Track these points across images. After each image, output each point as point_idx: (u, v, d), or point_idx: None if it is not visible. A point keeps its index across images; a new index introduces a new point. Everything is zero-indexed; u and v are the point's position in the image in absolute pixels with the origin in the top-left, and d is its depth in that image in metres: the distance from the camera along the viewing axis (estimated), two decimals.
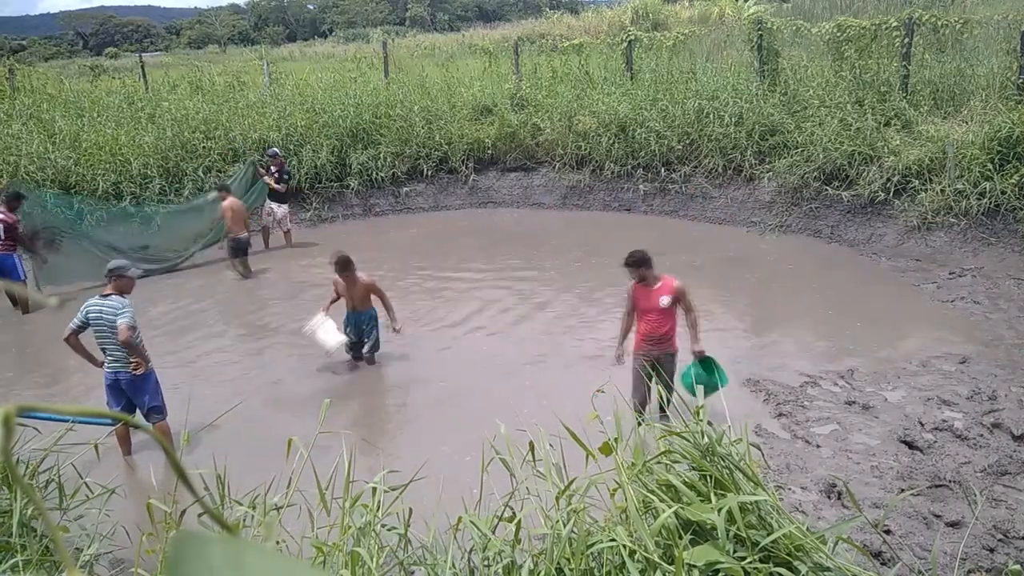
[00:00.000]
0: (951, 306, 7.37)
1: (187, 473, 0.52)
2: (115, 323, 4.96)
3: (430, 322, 7.73)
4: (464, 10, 74.99)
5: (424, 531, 2.67)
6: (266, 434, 5.44)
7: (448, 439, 5.22)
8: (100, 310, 5.04)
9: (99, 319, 5.03)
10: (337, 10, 76.36)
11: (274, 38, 63.36)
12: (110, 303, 5.04)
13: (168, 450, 0.51)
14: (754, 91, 11.45)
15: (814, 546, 2.20)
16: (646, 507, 2.39)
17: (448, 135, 12.78)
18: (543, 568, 2.26)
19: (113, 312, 5.00)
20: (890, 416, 5.33)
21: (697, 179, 11.30)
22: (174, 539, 0.41)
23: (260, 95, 13.74)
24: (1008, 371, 5.92)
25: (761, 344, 6.86)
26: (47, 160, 10.25)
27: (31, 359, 7.27)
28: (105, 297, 5.08)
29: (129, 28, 77.29)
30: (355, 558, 2.34)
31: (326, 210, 12.04)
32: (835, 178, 9.97)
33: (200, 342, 7.47)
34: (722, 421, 2.64)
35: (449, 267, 9.56)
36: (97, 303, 5.07)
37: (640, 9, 25.24)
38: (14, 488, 2.91)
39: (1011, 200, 8.42)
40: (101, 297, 5.10)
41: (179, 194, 11.03)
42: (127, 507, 3.44)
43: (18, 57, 34.54)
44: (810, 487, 4.49)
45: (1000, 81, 10.01)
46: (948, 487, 4.42)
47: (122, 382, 5.14)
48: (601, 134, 12.12)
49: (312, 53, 32.60)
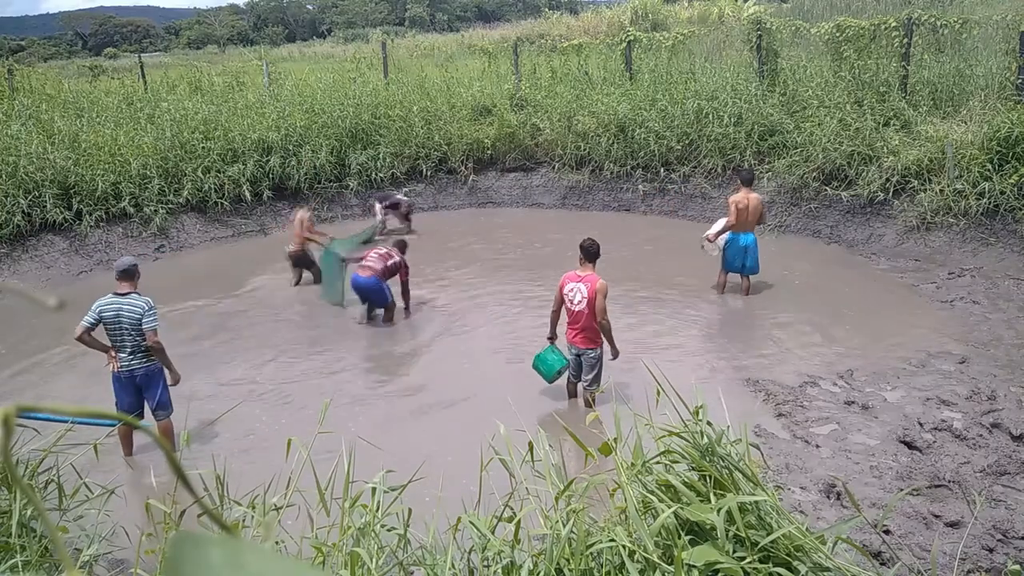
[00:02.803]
0: (950, 306, 7.37)
1: (186, 473, 0.52)
2: (138, 323, 4.97)
3: (430, 322, 7.73)
4: (463, 10, 75.04)
5: (424, 531, 2.67)
6: (266, 434, 5.45)
7: (447, 439, 5.22)
8: (119, 308, 5.01)
9: (117, 317, 5.00)
10: (336, 10, 76.38)
11: (273, 38, 63.38)
12: (131, 302, 5.02)
13: (167, 450, 0.51)
14: (753, 91, 11.45)
15: (813, 546, 2.20)
16: (645, 507, 2.39)
17: (447, 135, 12.78)
18: (542, 568, 2.26)
19: (136, 312, 4.99)
20: (889, 416, 5.33)
21: (696, 179, 11.30)
22: (173, 540, 0.41)
23: (259, 95, 13.74)
24: (1007, 371, 5.93)
25: (760, 344, 6.86)
26: (46, 160, 10.23)
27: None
28: (122, 295, 5.05)
29: (128, 28, 77.24)
30: (355, 558, 2.33)
31: (325, 210, 12.04)
32: (834, 178, 9.98)
33: (199, 341, 7.48)
34: (721, 421, 2.64)
35: (449, 267, 9.56)
36: (113, 301, 5.04)
37: (639, 9, 25.27)
38: (13, 489, 2.91)
39: (1010, 200, 8.42)
40: (116, 295, 5.06)
41: (178, 194, 11.03)
42: (127, 507, 3.44)
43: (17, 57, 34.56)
44: (809, 487, 4.49)
45: (999, 81, 10.01)
46: (947, 487, 4.42)
47: (138, 377, 5.13)
48: (600, 134, 12.13)
49: (311, 53, 32.64)
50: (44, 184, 10.06)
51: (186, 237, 11.02)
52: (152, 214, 10.65)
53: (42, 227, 10.04)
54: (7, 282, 8.51)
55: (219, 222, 11.36)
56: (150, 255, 10.46)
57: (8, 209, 9.65)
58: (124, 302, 5.02)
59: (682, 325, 7.40)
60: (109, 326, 5.04)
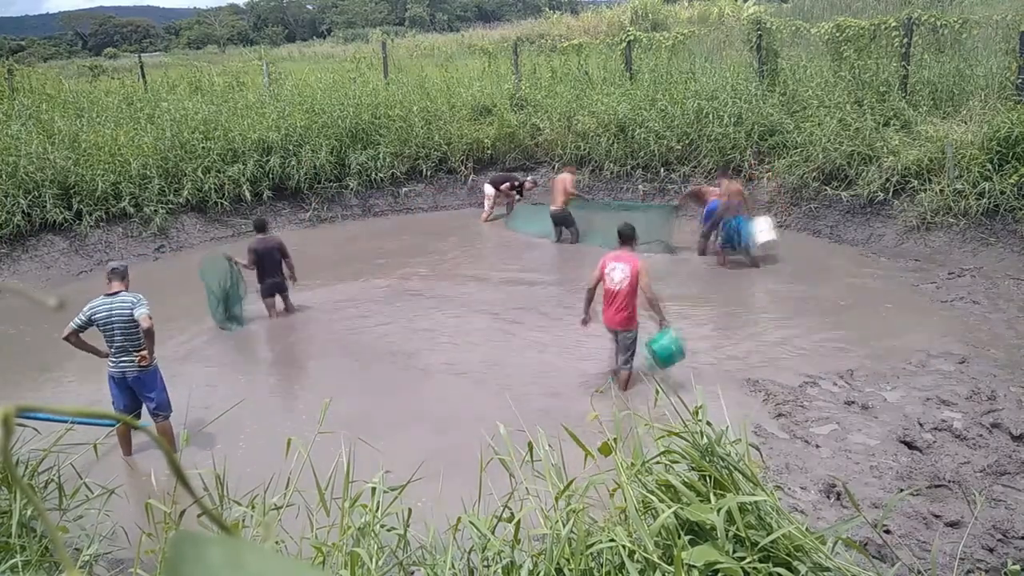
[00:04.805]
0: (950, 306, 7.37)
1: (186, 474, 0.52)
2: (130, 316, 4.99)
3: (430, 321, 7.73)
4: (463, 10, 75.03)
5: (423, 531, 2.67)
6: (266, 434, 5.45)
7: (447, 439, 5.22)
8: (110, 309, 5.04)
9: (109, 318, 5.03)
10: (336, 10, 76.36)
11: (273, 38, 63.37)
12: (121, 300, 5.06)
13: (167, 451, 0.51)
14: (753, 91, 11.45)
15: (813, 546, 2.20)
16: (645, 507, 2.39)
17: (447, 135, 12.79)
18: (542, 568, 2.26)
19: (127, 307, 5.02)
20: (889, 416, 5.33)
21: (696, 179, 11.30)
22: (173, 539, 0.41)
23: (259, 95, 13.73)
24: (1007, 371, 5.93)
25: (760, 344, 6.86)
26: (46, 160, 10.23)
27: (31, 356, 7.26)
28: (112, 296, 5.09)
29: (128, 28, 77.21)
30: (354, 558, 2.34)
31: (325, 210, 12.05)
32: (834, 178, 9.98)
33: (199, 341, 7.48)
34: (721, 421, 2.64)
35: (449, 267, 9.56)
36: (104, 303, 5.07)
37: (639, 9, 25.26)
38: (13, 488, 2.91)
39: (1010, 200, 8.42)
40: (107, 296, 5.10)
41: (178, 194, 11.03)
42: (127, 507, 3.44)
43: (17, 57, 34.49)
44: (809, 487, 4.49)
45: (999, 81, 10.01)
46: (947, 487, 4.42)
47: (129, 379, 5.15)
48: (600, 134, 12.13)
49: (311, 53, 32.61)
50: (44, 184, 10.06)
51: (186, 237, 11.02)
52: (152, 214, 10.65)
53: (42, 227, 10.04)
54: (7, 282, 8.50)
55: (219, 222, 11.36)
56: (150, 255, 10.46)
57: (8, 209, 9.66)
58: (115, 301, 5.07)
59: (681, 325, 7.39)
60: (103, 327, 5.07)
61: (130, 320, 5.01)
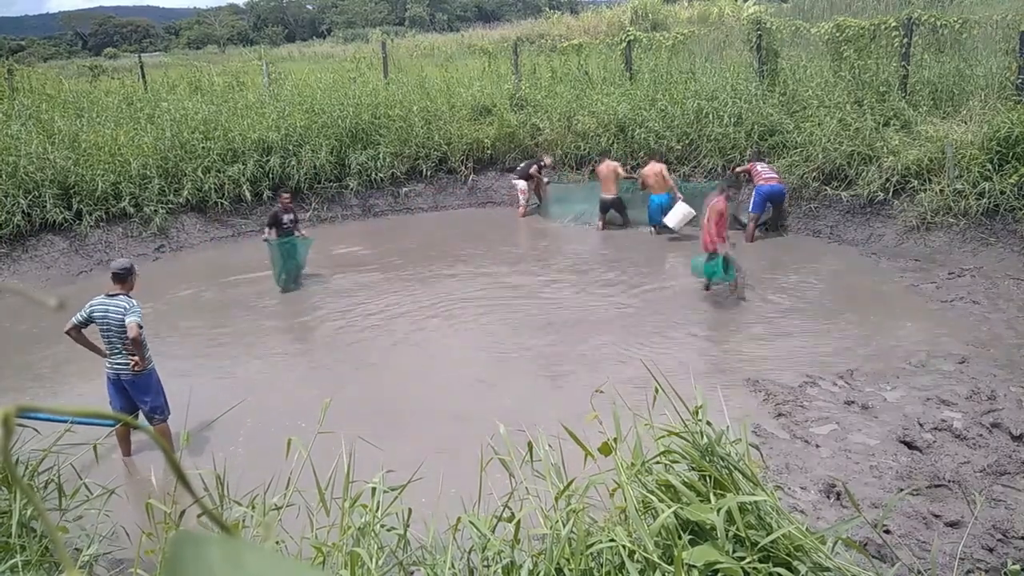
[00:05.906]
0: (950, 306, 7.37)
1: (186, 474, 0.52)
2: (123, 322, 4.99)
3: (430, 322, 7.73)
4: (463, 10, 75.03)
5: (423, 531, 2.67)
6: (266, 434, 5.45)
7: (447, 439, 5.22)
8: (106, 309, 5.05)
9: (105, 318, 5.04)
10: (336, 10, 76.36)
11: (273, 38, 63.38)
12: (117, 302, 5.06)
13: (166, 451, 0.51)
14: (753, 91, 11.45)
15: (813, 546, 2.20)
16: (645, 507, 2.39)
17: (447, 135, 12.78)
18: (542, 568, 2.26)
19: (121, 311, 5.02)
20: (889, 416, 5.33)
21: (696, 179, 11.30)
22: (173, 539, 0.41)
23: (259, 95, 13.73)
24: (1007, 371, 5.93)
25: (760, 344, 6.86)
26: (46, 160, 10.24)
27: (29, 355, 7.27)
28: (112, 296, 5.09)
29: (128, 28, 77.21)
30: (354, 558, 2.34)
31: (325, 210, 12.05)
32: (834, 178, 9.98)
33: (199, 341, 7.48)
34: (721, 421, 2.64)
35: (449, 267, 9.56)
36: (103, 302, 5.08)
37: (639, 9, 25.27)
38: (13, 488, 2.91)
39: (1010, 200, 8.42)
40: (107, 296, 5.10)
41: (178, 194, 11.03)
42: (127, 508, 3.44)
43: (17, 57, 34.50)
44: (809, 487, 4.49)
45: (999, 81, 10.01)
46: (947, 487, 4.42)
47: (124, 381, 5.16)
48: (600, 134, 12.14)
49: (311, 53, 32.60)
50: (44, 184, 10.06)
51: (186, 237, 11.02)
52: (152, 214, 10.65)
53: (42, 227, 10.04)
54: (7, 282, 8.51)
55: (219, 222, 11.36)
56: (150, 255, 10.46)
57: (8, 209, 9.66)
58: (112, 303, 5.06)
59: (681, 324, 7.40)
60: (99, 326, 5.08)
61: (121, 324, 5.01)
